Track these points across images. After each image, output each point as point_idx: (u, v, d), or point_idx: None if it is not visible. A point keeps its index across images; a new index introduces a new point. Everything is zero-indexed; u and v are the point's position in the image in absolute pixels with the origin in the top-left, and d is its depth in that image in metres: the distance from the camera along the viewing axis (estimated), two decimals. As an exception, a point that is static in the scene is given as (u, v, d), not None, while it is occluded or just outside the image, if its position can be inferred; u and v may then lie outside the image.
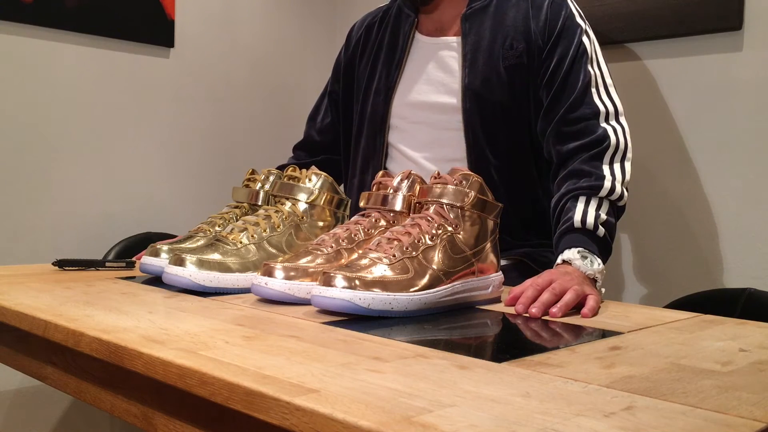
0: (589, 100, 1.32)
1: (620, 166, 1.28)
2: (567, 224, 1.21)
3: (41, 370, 0.97)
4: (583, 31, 1.38)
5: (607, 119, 1.32)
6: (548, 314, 0.99)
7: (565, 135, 1.32)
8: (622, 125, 1.32)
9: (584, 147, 1.29)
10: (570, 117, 1.32)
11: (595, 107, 1.32)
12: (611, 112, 1.33)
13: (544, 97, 1.37)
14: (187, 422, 0.73)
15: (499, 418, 0.53)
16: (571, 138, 1.32)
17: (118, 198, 1.97)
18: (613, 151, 1.28)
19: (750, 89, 1.54)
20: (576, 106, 1.32)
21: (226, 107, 2.21)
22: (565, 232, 1.21)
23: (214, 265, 1.06)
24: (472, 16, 1.43)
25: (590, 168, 1.27)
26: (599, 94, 1.34)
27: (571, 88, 1.34)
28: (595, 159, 1.28)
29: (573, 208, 1.23)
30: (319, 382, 0.61)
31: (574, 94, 1.33)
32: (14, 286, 1.08)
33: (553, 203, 1.30)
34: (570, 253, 1.14)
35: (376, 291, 0.90)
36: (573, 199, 1.24)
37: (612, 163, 1.28)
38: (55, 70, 1.85)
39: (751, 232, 1.54)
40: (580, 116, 1.32)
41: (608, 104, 1.33)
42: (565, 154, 1.32)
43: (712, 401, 0.60)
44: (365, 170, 1.52)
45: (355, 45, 1.61)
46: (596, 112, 1.32)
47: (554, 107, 1.35)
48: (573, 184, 1.26)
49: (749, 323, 0.98)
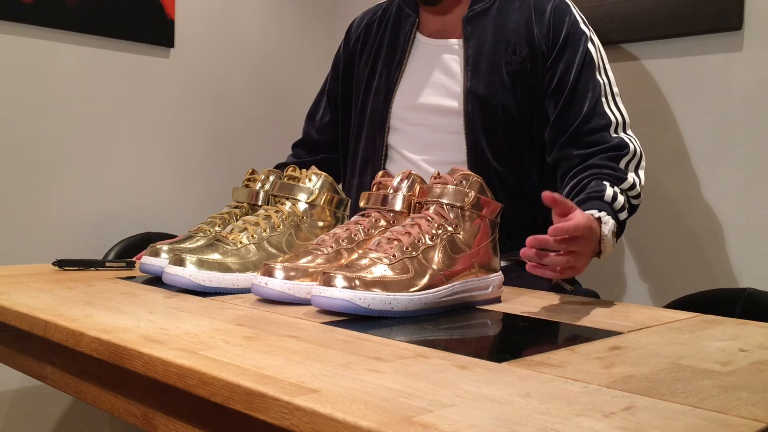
0: (601, 111, 1.33)
1: (635, 173, 1.30)
2: (598, 193, 1.21)
3: (41, 370, 0.97)
4: (588, 38, 1.38)
5: (617, 130, 1.33)
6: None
7: (584, 144, 1.33)
8: (632, 136, 1.34)
9: (604, 150, 1.31)
10: (585, 129, 1.33)
11: (608, 118, 1.33)
12: (620, 122, 1.34)
13: (551, 107, 1.37)
14: (187, 422, 0.73)
15: (499, 418, 0.53)
16: (591, 145, 1.32)
17: (118, 198, 1.97)
18: (631, 157, 1.30)
19: (750, 89, 1.54)
20: (590, 118, 1.33)
21: (226, 107, 2.21)
22: (595, 198, 1.21)
23: (214, 265, 1.06)
24: (473, 19, 1.42)
25: (611, 164, 1.28)
26: (608, 105, 1.35)
27: (582, 99, 1.34)
28: (614, 161, 1.29)
29: (601, 185, 1.23)
30: (319, 382, 0.61)
31: (587, 106, 1.33)
32: (14, 286, 1.08)
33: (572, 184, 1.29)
34: (608, 218, 1.15)
35: (376, 291, 0.90)
36: (598, 180, 1.25)
37: (629, 166, 1.30)
38: (56, 70, 1.85)
39: (751, 232, 1.54)
40: (595, 127, 1.33)
41: (617, 115, 1.34)
42: (586, 156, 1.32)
43: (712, 401, 0.60)
44: (364, 171, 1.51)
45: (354, 42, 1.60)
46: (609, 123, 1.33)
47: (565, 118, 1.35)
48: (597, 170, 1.27)
49: (749, 323, 0.98)
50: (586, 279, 1.41)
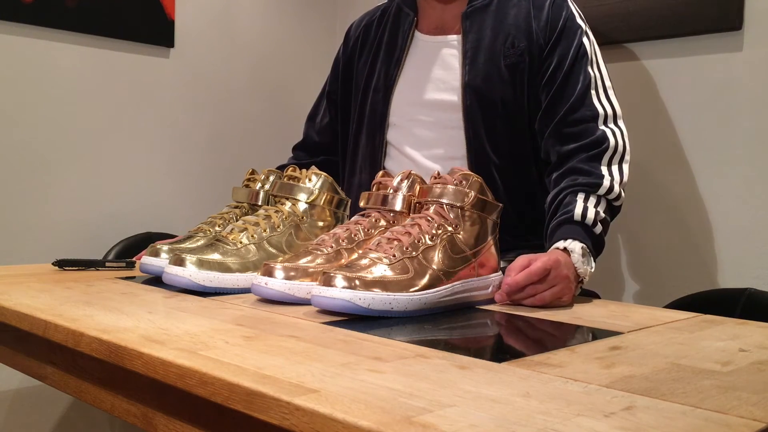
0: (588, 102, 1.34)
1: (618, 168, 1.29)
2: (567, 215, 1.22)
3: (41, 370, 0.97)
4: (583, 32, 1.39)
5: (605, 122, 1.33)
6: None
7: (565, 136, 1.33)
8: (621, 128, 1.34)
9: (583, 148, 1.30)
10: (570, 119, 1.33)
11: (595, 110, 1.33)
12: (609, 114, 1.34)
13: (543, 97, 1.38)
14: (187, 422, 0.73)
15: (499, 418, 0.53)
16: (571, 139, 1.32)
17: (118, 198, 1.97)
18: (612, 153, 1.30)
19: (750, 89, 1.54)
20: (576, 108, 1.33)
21: (226, 107, 2.21)
22: (564, 222, 1.22)
23: (214, 265, 1.06)
24: (472, 14, 1.43)
25: (589, 167, 1.28)
26: (599, 97, 1.35)
27: (571, 90, 1.34)
28: (594, 159, 1.29)
29: (573, 202, 1.24)
30: (319, 382, 0.61)
31: (574, 96, 1.34)
32: (14, 286, 1.08)
33: (550, 198, 1.30)
34: (574, 244, 1.15)
35: (376, 291, 0.90)
36: (572, 194, 1.25)
37: (610, 165, 1.29)
38: (55, 70, 1.85)
39: (751, 232, 1.54)
40: (579, 118, 1.33)
41: (607, 107, 1.34)
42: (564, 155, 1.32)
43: (712, 401, 0.60)
44: (364, 169, 1.52)
45: (353, 44, 1.61)
46: (595, 114, 1.33)
47: (554, 108, 1.36)
48: (572, 181, 1.27)
49: (749, 323, 0.98)
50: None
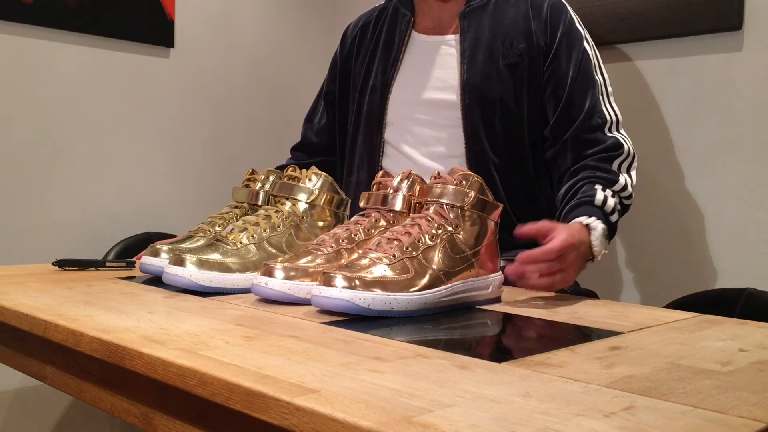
0: (599, 109, 1.37)
1: (628, 173, 1.34)
2: (587, 198, 1.26)
3: (41, 370, 0.97)
4: (583, 37, 1.42)
5: (611, 129, 1.37)
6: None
7: (583, 142, 1.36)
8: (625, 135, 1.38)
9: (600, 152, 1.34)
10: (585, 126, 1.37)
11: (605, 117, 1.37)
12: (614, 121, 1.38)
13: (551, 104, 1.40)
14: (187, 422, 0.73)
15: (499, 418, 0.53)
16: (589, 145, 1.36)
17: (118, 198, 1.97)
18: (624, 158, 1.34)
19: (750, 89, 1.54)
20: (590, 116, 1.37)
21: (226, 107, 2.21)
22: (585, 203, 1.25)
23: (214, 265, 1.06)
24: (470, 14, 1.44)
25: (605, 166, 1.33)
26: (605, 104, 1.39)
27: (582, 97, 1.38)
28: (607, 162, 1.33)
29: (592, 189, 1.27)
30: (319, 382, 0.61)
31: (588, 104, 1.37)
32: (14, 286, 1.08)
33: (564, 189, 1.34)
34: (597, 223, 1.19)
35: (376, 291, 0.90)
36: (590, 184, 1.29)
37: (622, 168, 1.34)
38: (56, 70, 1.85)
39: (750, 232, 1.54)
40: (594, 125, 1.36)
41: (612, 114, 1.38)
42: (581, 158, 1.36)
43: (712, 401, 0.60)
44: (361, 168, 1.52)
45: (350, 45, 1.61)
46: (605, 122, 1.37)
47: (566, 116, 1.38)
48: (590, 173, 1.32)
49: (749, 323, 0.98)
50: (585, 279, 1.41)
